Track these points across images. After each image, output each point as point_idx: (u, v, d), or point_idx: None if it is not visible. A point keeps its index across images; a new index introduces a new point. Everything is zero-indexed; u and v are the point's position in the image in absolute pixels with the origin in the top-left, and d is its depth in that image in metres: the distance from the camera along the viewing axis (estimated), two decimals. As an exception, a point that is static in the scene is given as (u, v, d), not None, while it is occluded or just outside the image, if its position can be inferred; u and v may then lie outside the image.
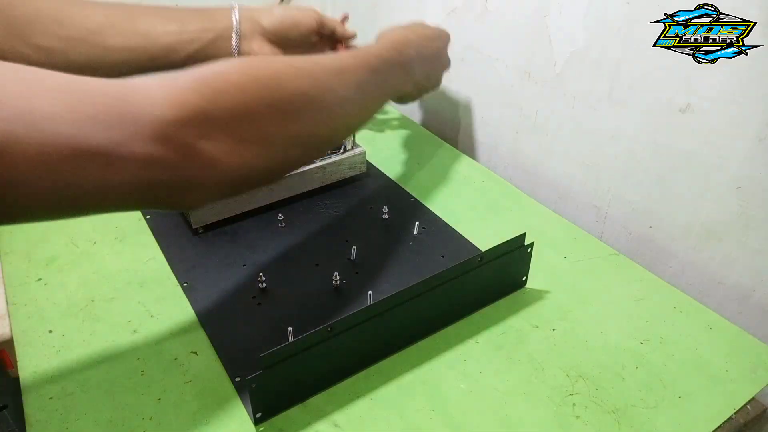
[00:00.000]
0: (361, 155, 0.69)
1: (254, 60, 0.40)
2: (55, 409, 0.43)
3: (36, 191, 0.30)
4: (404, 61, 0.57)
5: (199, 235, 0.61)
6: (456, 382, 0.46)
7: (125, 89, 0.33)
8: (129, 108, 0.32)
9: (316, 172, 0.67)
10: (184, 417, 0.43)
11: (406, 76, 0.58)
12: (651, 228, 0.63)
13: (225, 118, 0.36)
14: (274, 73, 0.40)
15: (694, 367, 0.48)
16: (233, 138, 0.36)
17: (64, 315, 0.51)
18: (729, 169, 0.53)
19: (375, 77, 0.50)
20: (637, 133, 0.60)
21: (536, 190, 0.75)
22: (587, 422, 0.43)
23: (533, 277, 0.55)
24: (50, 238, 0.60)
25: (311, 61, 0.44)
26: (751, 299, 0.56)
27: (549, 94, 0.69)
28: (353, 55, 0.50)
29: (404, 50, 0.57)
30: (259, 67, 0.39)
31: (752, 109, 0.50)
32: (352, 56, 0.50)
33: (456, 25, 0.78)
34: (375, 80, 0.50)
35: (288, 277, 0.56)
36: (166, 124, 0.33)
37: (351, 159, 0.69)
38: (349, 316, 0.43)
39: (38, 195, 0.31)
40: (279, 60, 0.42)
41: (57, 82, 0.31)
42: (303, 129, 0.41)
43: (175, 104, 0.33)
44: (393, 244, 0.61)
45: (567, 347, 0.49)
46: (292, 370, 0.42)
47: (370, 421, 0.43)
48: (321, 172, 0.67)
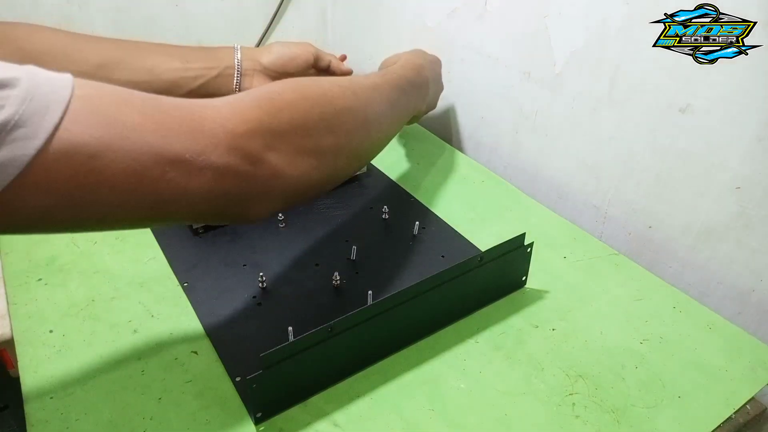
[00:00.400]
0: (361, 155, 0.69)
1: (305, 81, 0.44)
2: (55, 409, 0.43)
3: (122, 197, 0.32)
4: (422, 83, 0.63)
5: (199, 235, 0.61)
6: (456, 382, 0.46)
7: (197, 106, 0.36)
8: (204, 121, 0.35)
9: (316, 172, 0.67)
10: (184, 417, 0.43)
11: (423, 96, 0.64)
12: (651, 228, 0.63)
13: (285, 131, 0.39)
14: (323, 92, 0.44)
15: (694, 367, 0.48)
16: (293, 150, 0.39)
17: (65, 315, 0.51)
18: (728, 169, 0.53)
19: (401, 95, 0.56)
20: (637, 133, 0.61)
21: (536, 190, 0.75)
22: (587, 422, 0.43)
23: (533, 277, 0.55)
24: (50, 238, 0.60)
25: (351, 81, 0.48)
26: (750, 299, 0.56)
27: (549, 94, 0.69)
28: (381, 75, 0.55)
29: (422, 72, 0.63)
30: (309, 87, 0.43)
31: (752, 109, 0.50)
32: (381, 76, 0.55)
33: (456, 25, 0.78)
34: (402, 98, 0.56)
35: (288, 277, 0.56)
36: (238, 136, 0.36)
37: (351, 159, 0.69)
38: (349, 316, 0.43)
39: (123, 201, 0.33)
40: (326, 80, 0.46)
41: (140, 96, 0.34)
42: (348, 141, 0.45)
43: (243, 119, 0.37)
44: (393, 244, 0.61)
45: (567, 347, 0.49)
46: (293, 370, 0.42)
47: (370, 420, 0.43)
48: (321, 172, 0.67)
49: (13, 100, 0.28)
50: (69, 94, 0.30)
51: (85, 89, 0.31)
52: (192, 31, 0.92)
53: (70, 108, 0.29)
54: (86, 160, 0.30)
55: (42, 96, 0.29)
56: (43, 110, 0.28)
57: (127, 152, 0.31)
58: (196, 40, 0.92)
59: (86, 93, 0.31)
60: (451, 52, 0.81)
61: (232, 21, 0.95)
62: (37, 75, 0.29)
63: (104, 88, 0.33)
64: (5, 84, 0.28)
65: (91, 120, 0.30)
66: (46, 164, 0.29)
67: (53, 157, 0.29)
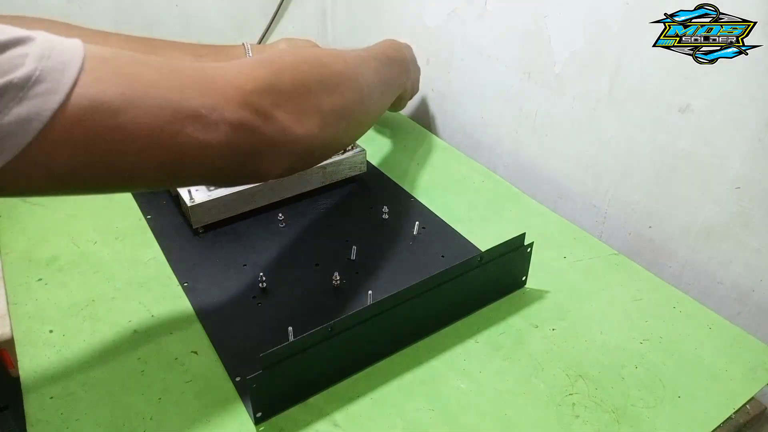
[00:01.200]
0: (361, 155, 0.69)
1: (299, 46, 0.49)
2: (55, 408, 0.43)
3: (144, 153, 0.33)
4: (402, 59, 0.67)
5: (199, 235, 0.61)
6: (456, 382, 0.46)
7: (207, 67, 0.38)
8: (216, 80, 0.37)
9: (316, 172, 0.67)
10: (184, 417, 0.43)
11: (405, 72, 0.68)
12: (651, 228, 0.63)
13: (289, 90, 0.42)
14: (317, 56, 0.48)
15: (694, 367, 0.48)
16: (297, 109, 0.42)
17: (65, 315, 0.51)
18: (729, 169, 0.53)
19: (386, 68, 0.59)
20: (637, 133, 0.61)
21: (536, 190, 0.75)
22: (587, 422, 0.43)
23: (533, 277, 0.55)
24: (50, 238, 0.60)
25: (340, 51, 0.52)
26: (750, 299, 0.56)
27: (549, 94, 0.69)
28: (364, 50, 0.58)
29: (400, 50, 0.67)
30: (305, 51, 0.48)
31: (752, 109, 0.50)
32: (364, 51, 0.58)
33: (456, 25, 0.78)
34: (386, 71, 0.59)
35: (288, 277, 0.56)
36: (248, 93, 0.38)
37: (351, 159, 0.69)
38: (349, 316, 0.43)
39: (145, 158, 0.34)
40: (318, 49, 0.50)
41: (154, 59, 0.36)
42: (344, 104, 0.48)
43: (251, 78, 0.39)
44: (393, 244, 0.61)
45: (567, 347, 0.49)
46: (293, 370, 0.42)
47: (370, 420, 0.43)
48: (321, 172, 0.67)
49: (31, 57, 0.28)
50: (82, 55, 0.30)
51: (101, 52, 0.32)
52: (192, 30, 0.92)
53: (88, 67, 0.30)
54: (109, 115, 0.31)
55: (58, 54, 0.29)
56: (61, 66, 0.29)
57: (148, 108, 0.32)
58: (196, 39, 0.92)
59: (102, 55, 0.32)
60: (451, 52, 0.81)
61: (233, 21, 0.95)
62: (50, 37, 0.30)
63: (120, 52, 0.34)
64: (21, 41, 0.28)
65: (112, 77, 0.31)
66: (68, 120, 0.29)
67: (75, 112, 0.30)
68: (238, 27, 0.96)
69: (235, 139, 0.37)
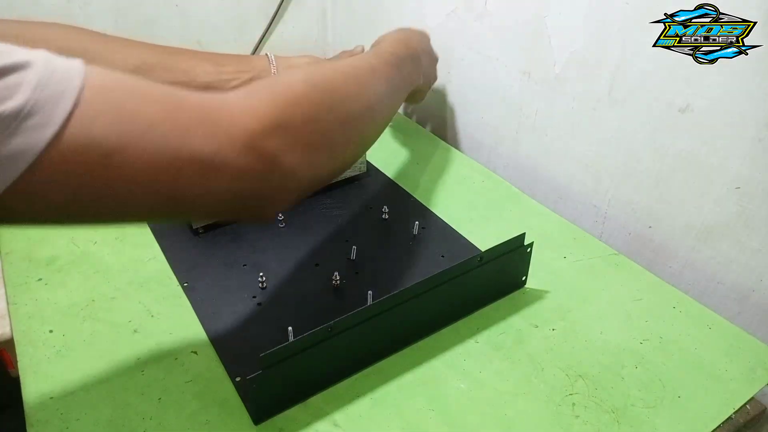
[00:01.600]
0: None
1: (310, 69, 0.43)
2: (55, 408, 0.43)
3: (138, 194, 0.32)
4: (413, 54, 0.63)
5: (199, 235, 0.61)
6: (456, 382, 0.46)
7: (214, 100, 0.35)
8: (221, 117, 0.34)
9: (316, 172, 0.67)
10: (184, 417, 0.43)
11: (417, 67, 0.64)
12: (651, 228, 0.63)
13: (298, 127, 0.38)
14: (329, 80, 0.43)
15: (694, 367, 0.48)
16: (307, 147, 0.39)
17: (65, 315, 0.51)
18: (729, 170, 0.53)
19: (396, 73, 0.55)
20: (636, 133, 0.61)
21: (536, 190, 0.75)
22: (587, 422, 0.43)
23: (533, 277, 0.55)
24: (50, 238, 0.60)
25: (350, 65, 0.48)
26: (750, 299, 0.56)
27: (549, 95, 0.69)
28: (374, 55, 0.55)
29: (410, 44, 0.63)
30: (316, 76, 0.43)
31: (752, 109, 0.50)
32: (374, 56, 0.55)
33: (456, 25, 0.78)
34: (397, 76, 0.55)
35: (288, 277, 0.56)
36: (255, 135, 0.35)
37: (351, 159, 0.69)
38: (349, 316, 0.43)
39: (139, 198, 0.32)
40: (328, 68, 0.45)
41: (160, 91, 0.33)
42: (355, 130, 0.45)
43: (257, 117, 0.36)
44: (393, 244, 0.61)
45: (566, 347, 0.49)
46: (292, 370, 0.42)
47: (370, 420, 0.43)
48: (321, 172, 0.67)
49: (26, 86, 0.27)
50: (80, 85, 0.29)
51: (101, 79, 0.30)
52: (192, 30, 0.92)
53: (85, 98, 0.29)
54: (102, 154, 0.29)
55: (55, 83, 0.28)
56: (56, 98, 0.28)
57: (146, 149, 0.31)
58: (196, 40, 0.92)
59: (103, 83, 0.30)
60: (451, 52, 0.81)
61: (232, 21, 0.95)
62: (50, 61, 0.28)
63: (121, 78, 0.32)
64: (18, 67, 0.27)
65: (108, 113, 0.30)
66: (59, 155, 0.28)
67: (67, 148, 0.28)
68: (238, 27, 0.96)
69: (238, 186, 0.35)
